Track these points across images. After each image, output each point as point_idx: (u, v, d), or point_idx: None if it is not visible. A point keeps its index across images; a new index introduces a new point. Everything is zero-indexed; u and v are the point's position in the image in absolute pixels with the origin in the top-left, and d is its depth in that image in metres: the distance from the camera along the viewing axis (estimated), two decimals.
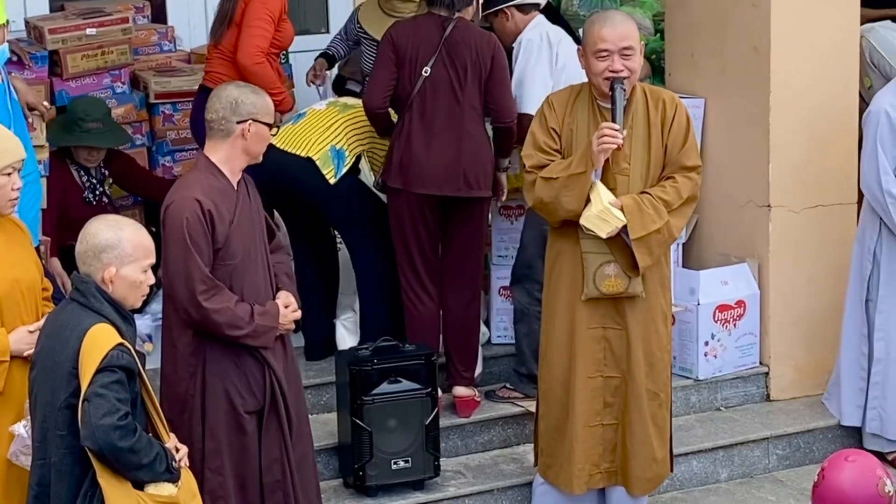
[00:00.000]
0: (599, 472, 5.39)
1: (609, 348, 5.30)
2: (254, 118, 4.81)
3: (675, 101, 5.30)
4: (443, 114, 5.86)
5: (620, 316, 5.28)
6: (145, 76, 7.04)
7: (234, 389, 4.80)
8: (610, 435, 5.36)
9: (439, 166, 5.84)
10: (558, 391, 5.36)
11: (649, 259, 5.19)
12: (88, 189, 6.45)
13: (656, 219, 5.15)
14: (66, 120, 6.42)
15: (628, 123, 5.21)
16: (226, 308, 4.67)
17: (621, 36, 5.14)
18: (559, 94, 5.38)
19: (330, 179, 6.00)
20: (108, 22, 6.90)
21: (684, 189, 5.23)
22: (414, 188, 5.85)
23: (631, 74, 5.16)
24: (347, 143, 6.06)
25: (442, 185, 5.85)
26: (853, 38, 6.36)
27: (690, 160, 5.26)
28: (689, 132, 5.28)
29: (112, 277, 4.13)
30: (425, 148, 5.84)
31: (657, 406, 5.35)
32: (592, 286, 5.22)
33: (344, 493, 5.75)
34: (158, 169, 7.03)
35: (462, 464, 5.98)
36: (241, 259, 4.80)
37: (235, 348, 4.78)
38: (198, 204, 4.68)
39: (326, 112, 6.17)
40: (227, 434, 4.80)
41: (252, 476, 4.84)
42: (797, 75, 6.19)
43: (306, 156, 6.00)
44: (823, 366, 6.37)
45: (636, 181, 5.22)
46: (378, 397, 5.61)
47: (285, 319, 4.86)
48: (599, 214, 5.10)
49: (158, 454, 4.09)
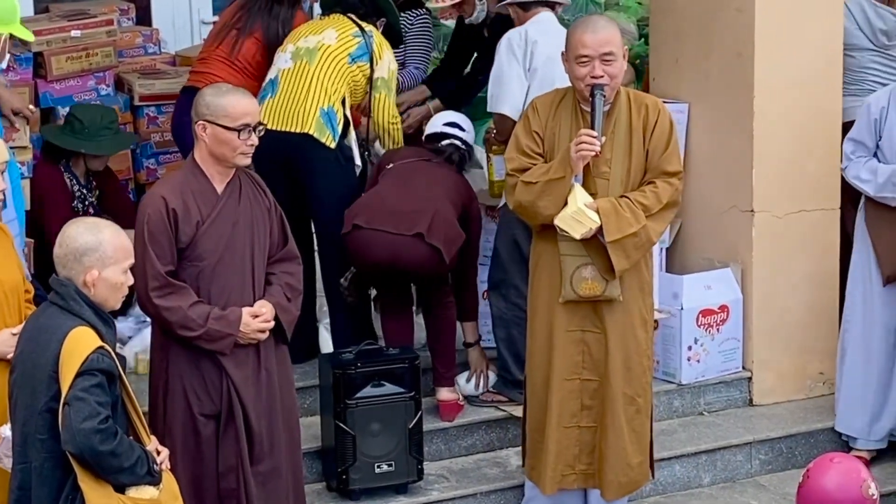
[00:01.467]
0: (574, 472, 5.40)
1: (587, 351, 5.32)
2: (205, 119, 4.80)
3: (657, 107, 5.31)
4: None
5: (599, 319, 5.29)
6: (130, 78, 7.03)
7: (192, 390, 4.83)
8: (588, 437, 5.38)
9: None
10: (540, 392, 5.39)
11: (626, 263, 5.20)
12: (78, 199, 6.41)
13: (633, 222, 5.16)
14: (78, 127, 6.32)
15: (610, 128, 5.23)
16: (178, 308, 4.67)
17: (602, 42, 5.15)
18: (544, 98, 5.40)
19: (330, 144, 5.98)
20: (92, 24, 6.90)
21: (664, 194, 5.24)
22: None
23: (612, 80, 5.17)
24: (329, 95, 6.00)
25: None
26: (837, 44, 6.37)
27: (672, 165, 5.28)
28: (672, 137, 5.29)
29: (94, 280, 4.13)
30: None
31: (634, 411, 5.35)
32: (570, 288, 5.24)
33: (327, 496, 5.74)
34: (142, 171, 7.02)
35: (445, 468, 5.98)
36: (211, 261, 4.80)
37: (196, 349, 4.80)
38: (163, 202, 4.71)
39: (297, 70, 6.06)
40: (182, 434, 4.83)
41: (209, 480, 4.86)
42: (781, 81, 6.20)
43: (302, 132, 5.97)
44: (806, 371, 6.39)
45: (616, 185, 5.24)
46: (361, 401, 5.60)
47: (247, 328, 4.83)
48: (573, 215, 5.11)
49: (140, 458, 4.08)
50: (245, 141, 4.81)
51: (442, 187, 5.93)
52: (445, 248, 5.76)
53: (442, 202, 5.85)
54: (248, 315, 4.84)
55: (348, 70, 6.05)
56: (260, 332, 4.87)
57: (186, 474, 4.81)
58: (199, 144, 4.86)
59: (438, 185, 5.93)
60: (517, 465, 5.90)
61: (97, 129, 6.33)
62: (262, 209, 4.95)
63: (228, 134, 4.79)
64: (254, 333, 4.86)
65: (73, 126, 6.34)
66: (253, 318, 4.85)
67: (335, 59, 6.05)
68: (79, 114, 6.38)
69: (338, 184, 5.99)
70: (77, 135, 6.30)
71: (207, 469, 4.86)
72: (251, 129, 4.83)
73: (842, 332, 6.14)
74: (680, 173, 5.30)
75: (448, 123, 6.18)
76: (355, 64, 6.07)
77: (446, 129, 6.16)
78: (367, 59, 6.08)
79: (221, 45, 6.34)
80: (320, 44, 6.08)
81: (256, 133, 4.85)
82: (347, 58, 6.06)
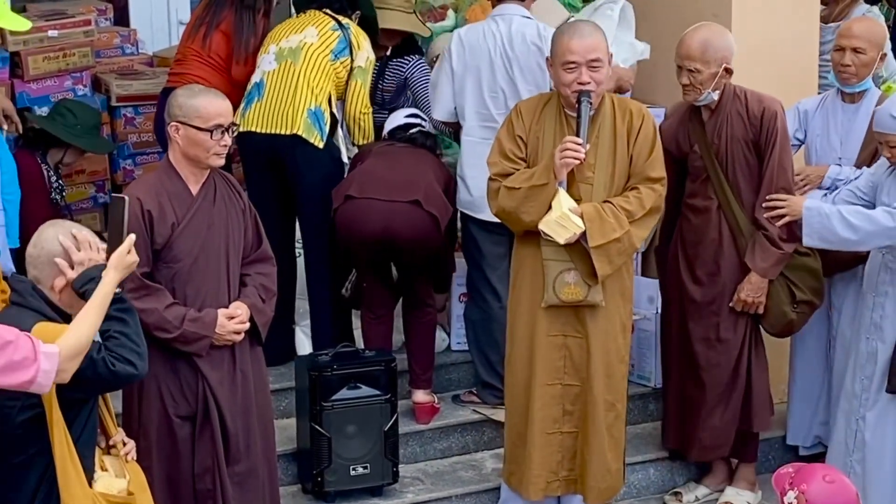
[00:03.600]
0: (558, 479, 5.42)
1: (569, 356, 5.32)
2: (178, 121, 4.80)
3: (642, 113, 5.32)
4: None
5: (581, 324, 5.30)
6: (107, 79, 7.02)
7: (167, 391, 4.83)
8: (569, 443, 5.38)
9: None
10: (520, 397, 5.39)
11: (608, 268, 5.21)
12: (56, 190, 6.40)
13: (616, 228, 5.17)
14: (71, 121, 6.31)
15: (595, 133, 5.24)
16: (153, 309, 4.66)
17: (589, 48, 5.16)
18: (528, 102, 5.41)
19: (318, 144, 5.98)
20: (70, 24, 6.88)
21: (647, 200, 5.25)
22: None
23: (598, 87, 5.18)
24: (315, 95, 6.01)
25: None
26: (812, 51, 6.41)
27: (655, 171, 5.28)
28: (656, 144, 5.30)
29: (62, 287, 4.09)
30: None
31: (613, 417, 5.37)
32: (552, 293, 5.24)
33: (302, 498, 5.74)
34: (119, 172, 7.01)
35: (420, 470, 5.99)
36: (186, 263, 4.80)
37: (171, 351, 4.79)
38: (138, 203, 4.70)
39: (282, 71, 6.06)
40: (157, 435, 4.83)
41: (184, 481, 4.86)
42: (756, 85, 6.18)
43: (291, 133, 5.97)
44: (780, 375, 6.40)
45: (599, 190, 5.24)
46: (337, 403, 5.61)
47: (223, 329, 4.83)
48: (558, 220, 5.12)
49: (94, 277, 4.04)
50: (218, 141, 4.81)
51: (426, 165, 5.94)
52: (441, 217, 5.77)
53: (429, 176, 5.87)
54: (223, 317, 4.84)
55: (332, 67, 6.06)
56: (235, 333, 4.87)
57: (162, 475, 4.82)
58: (172, 146, 4.86)
59: (422, 163, 5.94)
60: (492, 468, 5.91)
61: (88, 126, 6.34)
62: (236, 210, 4.95)
63: (201, 135, 4.79)
64: (229, 335, 4.86)
65: (65, 119, 6.32)
66: (228, 319, 4.85)
67: (319, 57, 6.05)
68: (72, 108, 6.37)
69: (326, 182, 5.99)
70: (70, 128, 6.30)
71: (183, 470, 4.87)
72: (224, 130, 4.82)
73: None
74: (663, 179, 5.31)
75: (409, 115, 6.19)
76: (338, 60, 6.07)
77: (409, 119, 6.15)
78: (348, 53, 6.09)
79: (194, 42, 6.33)
80: (302, 43, 6.08)
81: (230, 134, 4.85)
82: (330, 55, 6.07)
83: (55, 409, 3.99)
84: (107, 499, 4.12)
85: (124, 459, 4.27)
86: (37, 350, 3.78)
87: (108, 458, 4.27)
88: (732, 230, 5.64)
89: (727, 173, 5.62)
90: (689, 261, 5.70)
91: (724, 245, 5.66)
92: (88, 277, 4.05)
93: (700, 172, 5.65)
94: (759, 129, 5.59)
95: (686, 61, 5.52)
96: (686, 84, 5.56)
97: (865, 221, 5.42)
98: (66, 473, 4.02)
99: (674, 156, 5.65)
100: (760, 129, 5.58)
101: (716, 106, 5.61)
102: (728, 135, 5.61)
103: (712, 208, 5.64)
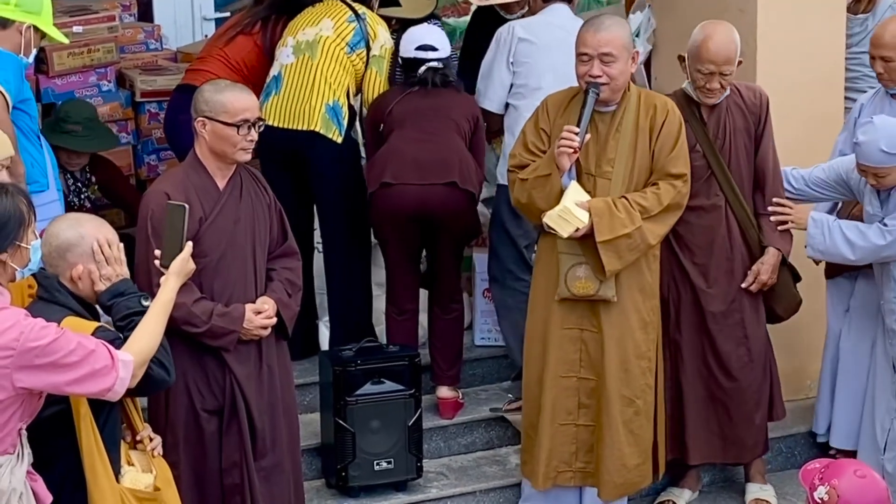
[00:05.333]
0: (571, 470, 5.41)
1: (585, 350, 5.31)
2: (205, 116, 4.80)
3: (667, 107, 5.28)
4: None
5: (596, 319, 5.29)
6: (131, 74, 7.03)
7: (195, 386, 4.84)
8: (585, 436, 5.37)
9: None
10: (534, 388, 5.39)
11: (617, 263, 5.17)
12: (74, 192, 6.41)
13: (627, 223, 5.14)
14: (52, 120, 6.39)
15: (615, 127, 5.21)
16: (181, 304, 4.66)
17: (601, 42, 5.13)
18: (556, 95, 5.39)
19: (336, 139, 5.97)
20: (94, 20, 6.90)
21: (666, 196, 5.21)
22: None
23: (612, 81, 5.15)
24: (333, 90, 6.01)
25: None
26: (839, 43, 6.37)
27: (676, 168, 5.25)
28: (679, 139, 5.25)
29: (80, 275, 4.12)
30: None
31: (633, 413, 5.34)
32: (564, 286, 5.24)
33: (326, 493, 5.74)
34: (143, 167, 7.02)
35: (444, 465, 5.99)
36: (213, 258, 4.80)
37: (198, 345, 4.80)
38: (166, 197, 4.70)
39: (299, 65, 6.05)
40: (185, 430, 4.84)
41: (211, 475, 4.87)
42: (783, 80, 6.19)
43: (308, 129, 5.97)
44: (804, 371, 6.38)
45: (618, 184, 5.22)
46: (361, 398, 5.61)
47: (250, 324, 4.84)
48: (560, 213, 5.09)
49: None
50: (244, 136, 4.81)
51: (449, 120, 5.89)
52: (477, 191, 5.85)
53: (458, 145, 5.85)
54: (251, 311, 4.84)
55: (348, 60, 6.05)
56: (263, 328, 4.87)
57: (190, 470, 4.83)
58: (199, 141, 4.86)
59: (445, 118, 5.89)
60: (516, 464, 5.90)
61: (66, 124, 6.29)
62: (262, 205, 4.95)
63: (227, 130, 4.79)
64: (257, 330, 4.86)
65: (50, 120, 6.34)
66: (255, 314, 4.85)
67: (335, 49, 6.04)
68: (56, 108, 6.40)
69: (344, 178, 5.99)
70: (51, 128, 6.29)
71: (211, 465, 4.87)
72: (250, 125, 4.82)
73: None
74: (685, 176, 5.26)
75: (420, 47, 6.06)
76: (354, 53, 6.06)
77: (419, 53, 6.04)
78: (364, 45, 6.07)
79: (219, 42, 6.36)
80: (319, 36, 6.07)
81: (256, 129, 4.85)
82: (346, 48, 6.05)
83: (83, 404, 4.01)
84: (134, 494, 4.14)
85: (151, 455, 4.29)
86: (114, 358, 3.85)
87: (135, 453, 4.28)
88: (741, 224, 5.61)
89: (730, 167, 5.59)
90: (701, 265, 5.61)
91: (734, 241, 5.61)
92: (117, 292, 4.13)
93: (702, 172, 5.56)
94: (758, 117, 5.61)
95: (724, 66, 5.46)
96: (715, 88, 5.51)
97: (860, 238, 5.47)
98: (93, 469, 4.04)
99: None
100: (760, 116, 5.61)
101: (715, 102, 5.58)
102: (731, 128, 5.58)
103: (720, 206, 5.59)
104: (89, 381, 3.81)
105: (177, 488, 4.55)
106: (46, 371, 3.76)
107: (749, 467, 5.93)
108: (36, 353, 3.74)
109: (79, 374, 3.79)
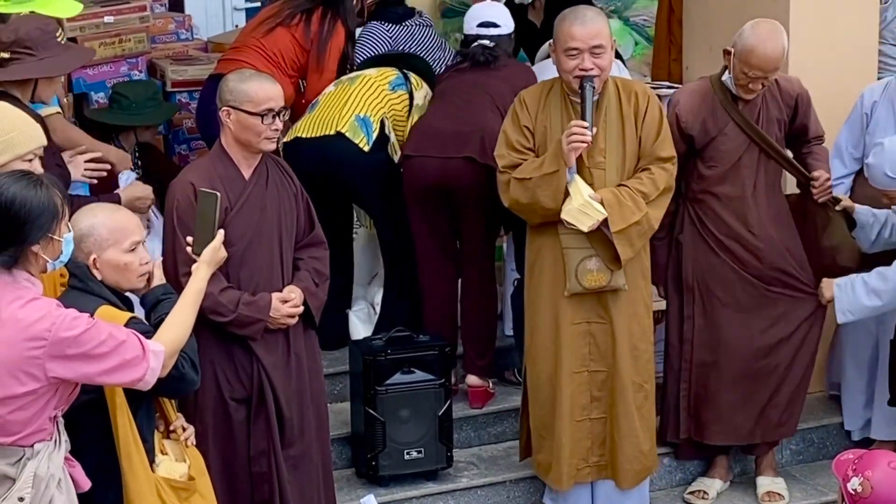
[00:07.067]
0: (588, 466, 5.43)
1: (594, 342, 5.33)
2: (230, 105, 4.81)
3: (647, 94, 5.32)
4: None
5: (604, 309, 5.30)
6: (162, 64, 7.04)
7: (223, 375, 4.85)
8: (598, 429, 5.39)
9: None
10: (545, 387, 5.39)
11: (630, 251, 5.20)
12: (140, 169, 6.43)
13: (636, 211, 5.18)
14: (126, 103, 6.33)
15: (601, 118, 5.23)
16: (208, 293, 4.62)
17: (591, 34, 5.13)
18: (531, 91, 5.38)
19: (364, 147, 5.97)
20: (125, 10, 6.90)
21: (660, 180, 5.25)
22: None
23: (602, 72, 5.16)
24: (367, 109, 6.02)
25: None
26: (873, 31, 6.34)
27: (665, 151, 5.29)
28: (663, 123, 5.30)
29: (95, 264, 4.13)
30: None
31: (643, 398, 5.38)
32: (575, 281, 5.23)
33: (356, 482, 5.76)
34: (174, 157, 7.04)
35: (475, 455, 5.99)
36: (240, 247, 4.81)
37: (226, 335, 4.81)
38: (191, 187, 4.72)
39: (337, 91, 6.12)
40: (213, 418, 4.85)
41: (240, 464, 4.88)
42: (815, 69, 6.16)
43: (335, 132, 5.97)
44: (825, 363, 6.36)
45: (612, 174, 5.24)
46: (392, 387, 5.61)
47: (277, 313, 4.84)
48: (580, 208, 5.11)
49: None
50: (269, 126, 4.81)
51: (486, 94, 5.88)
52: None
53: (485, 118, 5.80)
54: (277, 300, 4.85)
55: (388, 96, 6.07)
56: (290, 317, 4.88)
57: (218, 458, 4.85)
58: (224, 130, 4.88)
59: (481, 93, 5.88)
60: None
61: (143, 101, 6.36)
62: (289, 195, 4.96)
63: (252, 119, 4.79)
64: (284, 318, 4.87)
65: (120, 104, 6.37)
66: (282, 303, 4.86)
67: (375, 83, 6.09)
68: (123, 91, 6.41)
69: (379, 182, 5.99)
70: (126, 111, 6.33)
71: (239, 453, 4.89)
72: (275, 114, 4.83)
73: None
74: (674, 158, 5.31)
75: (482, 24, 6.08)
76: (395, 92, 6.09)
77: (480, 30, 6.06)
78: (406, 89, 6.10)
79: (257, 33, 6.35)
80: (360, 75, 6.16)
81: (281, 118, 4.85)
82: (388, 85, 6.09)
83: (119, 394, 4.03)
84: (168, 483, 4.15)
85: (184, 444, 4.30)
86: (145, 348, 3.87)
87: (168, 443, 4.30)
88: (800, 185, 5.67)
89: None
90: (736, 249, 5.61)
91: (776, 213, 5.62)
92: (155, 299, 4.17)
93: (732, 155, 5.56)
94: (792, 108, 5.64)
95: (770, 73, 5.47)
96: (757, 89, 5.51)
97: (881, 282, 5.49)
98: (129, 458, 4.05)
99: (696, 140, 5.58)
100: (796, 109, 5.64)
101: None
102: (764, 118, 5.60)
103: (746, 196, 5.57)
104: (120, 371, 3.83)
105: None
106: (78, 361, 3.78)
107: (760, 461, 5.91)
108: (67, 343, 3.75)
109: (110, 364, 3.80)
